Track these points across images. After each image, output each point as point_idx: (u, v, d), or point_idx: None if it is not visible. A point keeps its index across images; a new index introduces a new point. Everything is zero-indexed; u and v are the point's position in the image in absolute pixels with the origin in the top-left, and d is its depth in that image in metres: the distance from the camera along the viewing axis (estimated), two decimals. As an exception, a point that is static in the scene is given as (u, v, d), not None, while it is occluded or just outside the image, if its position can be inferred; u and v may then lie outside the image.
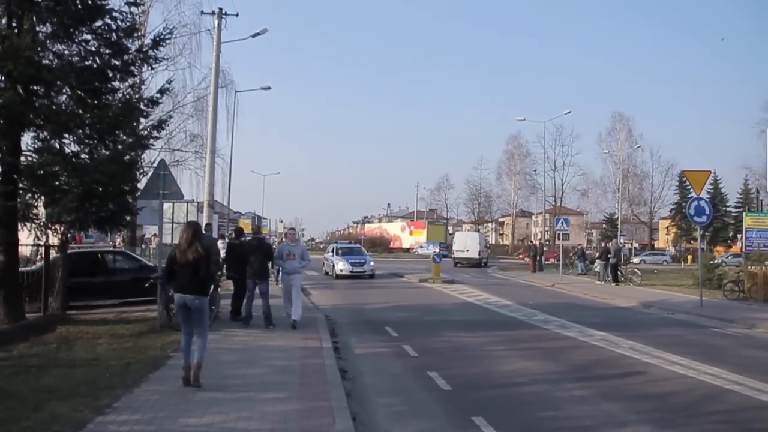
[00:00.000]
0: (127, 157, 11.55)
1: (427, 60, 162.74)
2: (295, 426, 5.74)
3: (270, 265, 13.16)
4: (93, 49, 11.13)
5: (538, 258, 37.22)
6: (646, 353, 10.59)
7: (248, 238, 14.14)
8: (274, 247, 15.03)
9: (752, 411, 7.18)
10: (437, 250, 36.15)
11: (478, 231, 71.95)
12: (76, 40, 11.05)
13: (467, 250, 43.05)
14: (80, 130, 10.95)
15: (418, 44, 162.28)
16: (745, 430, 6.51)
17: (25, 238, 12.12)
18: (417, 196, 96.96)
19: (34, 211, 11.12)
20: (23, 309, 11.58)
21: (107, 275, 15.10)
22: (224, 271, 13.46)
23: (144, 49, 11.87)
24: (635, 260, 54.11)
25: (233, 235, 15.73)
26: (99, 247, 22.79)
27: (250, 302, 12.20)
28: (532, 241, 54.91)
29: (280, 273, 21.97)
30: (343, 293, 21.32)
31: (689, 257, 59.74)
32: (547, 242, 64.25)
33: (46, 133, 10.88)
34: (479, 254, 43.11)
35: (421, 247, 71.72)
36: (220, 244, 16.42)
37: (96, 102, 11.15)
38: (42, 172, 10.59)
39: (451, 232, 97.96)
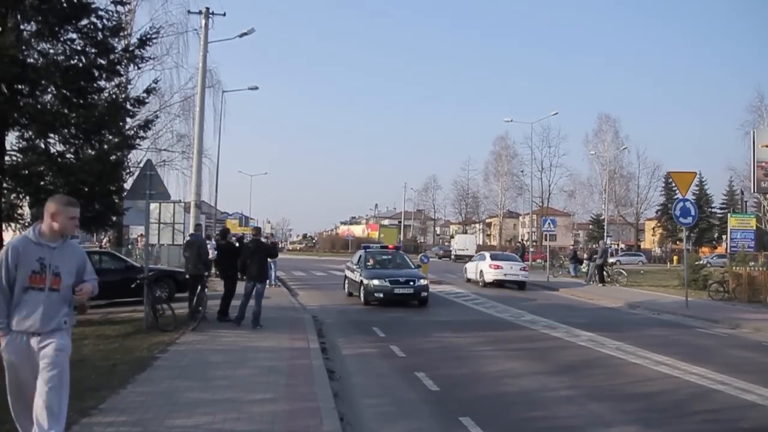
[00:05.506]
0: (113, 157, 11.46)
1: (415, 60, 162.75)
2: (282, 427, 5.71)
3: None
4: (78, 48, 11.01)
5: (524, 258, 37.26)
6: (632, 353, 10.66)
7: (246, 240, 14.06)
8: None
9: (737, 410, 7.25)
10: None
11: (466, 233, 72.43)
12: (62, 39, 10.93)
13: (467, 249, 55.24)
14: (65, 130, 10.84)
15: (406, 45, 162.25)
16: (730, 430, 6.56)
17: (10, 238, 11.98)
18: (404, 196, 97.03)
19: (19, 211, 11.01)
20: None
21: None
22: (213, 270, 13.37)
23: (130, 49, 11.80)
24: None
25: (219, 236, 15.65)
26: (85, 247, 22.56)
27: (245, 304, 12.13)
28: (519, 241, 55.37)
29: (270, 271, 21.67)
30: (330, 294, 21.26)
31: (675, 258, 60.21)
32: (535, 243, 64.45)
33: (30, 133, 10.75)
34: (475, 252, 51.90)
35: None
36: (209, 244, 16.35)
37: (81, 101, 11.03)
38: (27, 171, 10.48)
39: (438, 233, 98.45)
